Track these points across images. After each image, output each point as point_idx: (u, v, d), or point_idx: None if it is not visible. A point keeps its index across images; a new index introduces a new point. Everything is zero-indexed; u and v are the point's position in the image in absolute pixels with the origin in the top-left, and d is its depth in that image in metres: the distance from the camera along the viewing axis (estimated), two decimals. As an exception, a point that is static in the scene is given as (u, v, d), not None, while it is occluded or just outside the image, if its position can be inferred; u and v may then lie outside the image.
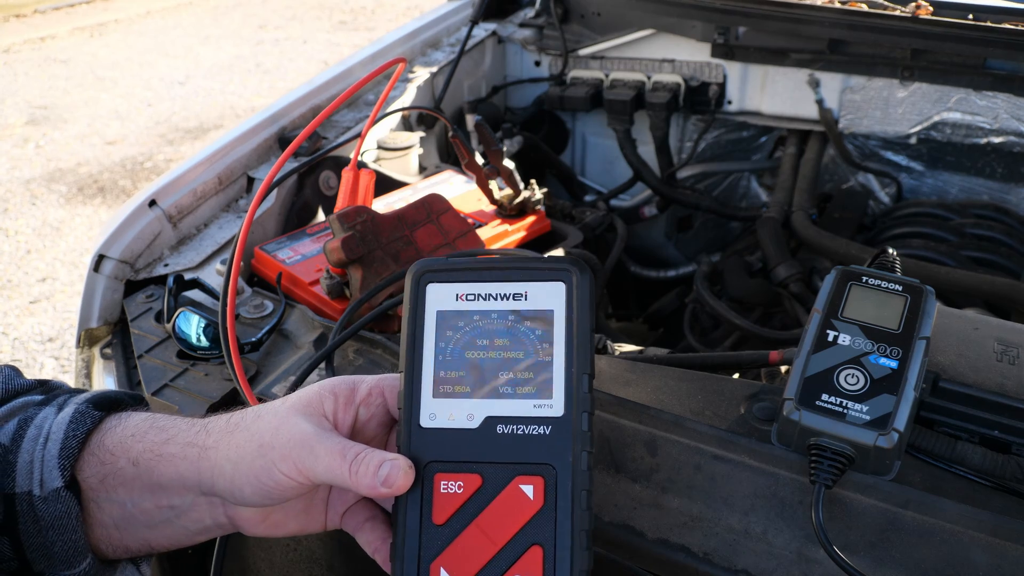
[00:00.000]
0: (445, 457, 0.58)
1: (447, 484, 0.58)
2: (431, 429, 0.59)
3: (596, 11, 1.96)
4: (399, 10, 7.94)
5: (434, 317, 0.61)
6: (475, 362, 0.60)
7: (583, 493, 0.56)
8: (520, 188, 1.35)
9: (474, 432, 0.58)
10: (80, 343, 1.14)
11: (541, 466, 0.57)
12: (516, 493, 0.56)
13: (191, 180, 1.29)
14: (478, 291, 0.61)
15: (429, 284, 0.62)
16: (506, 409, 0.59)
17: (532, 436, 0.58)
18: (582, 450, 0.57)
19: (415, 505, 0.58)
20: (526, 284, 0.61)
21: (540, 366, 0.59)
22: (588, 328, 0.60)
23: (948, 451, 0.75)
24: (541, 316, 0.60)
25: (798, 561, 0.68)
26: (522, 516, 0.56)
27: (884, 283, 0.79)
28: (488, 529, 0.56)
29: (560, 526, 0.55)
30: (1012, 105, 1.64)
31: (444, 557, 0.56)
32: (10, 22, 7.54)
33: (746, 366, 1.04)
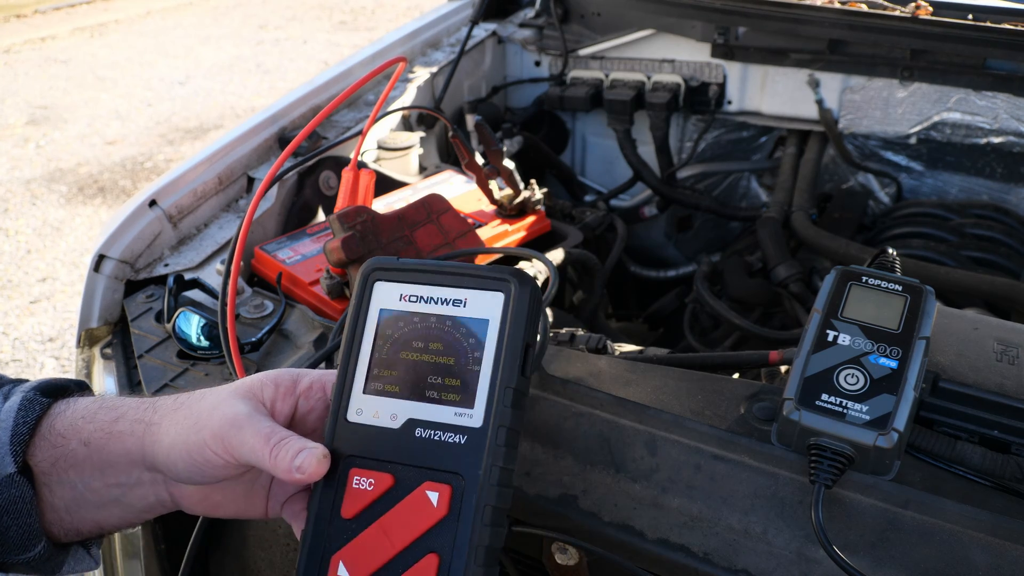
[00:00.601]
0: (364, 453, 0.59)
1: (359, 480, 0.58)
2: (356, 424, 0.60)
3: (596, 11, 1.96)
4: (399, 10, 7.94)
5: (376, 315, 0.62)
6: (408, 363, 0.60)
7: (488, 508, 0.56)
8: (520, 188, 1.35)
9: (395, 432, 0.59)
10: (80, 343, 1.14)
11: (451, 475, 0.57)
12: (422, 498, 0.56)
13: (191, 180, 1.29)
14: (421, 293, 0.62)
15: (377, 282, 0.63)
16: (428, 413, 0.59)
17: (447, 444, 0.58)
18: (494, 464, 0.56)
19: (328, 496, 0.58)
20: (467, 292, 0.61)
21: (468, 375, 0.59)
22: (520, 341, 0.59)
23: (948, 451, 0.75)
24: (476, 325, 0.60)
25: (798, 561, 0.68)
26: (424, 522, 0.56)
27: (884, 283, 0.79)
28: (390, 530, 0.56)
29: (459, 538, 0.55)
30: (1012, 105, 1.64)
31: (345, 551, 0.57)
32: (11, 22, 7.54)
33: (746, 366, 1.04)
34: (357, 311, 0.62)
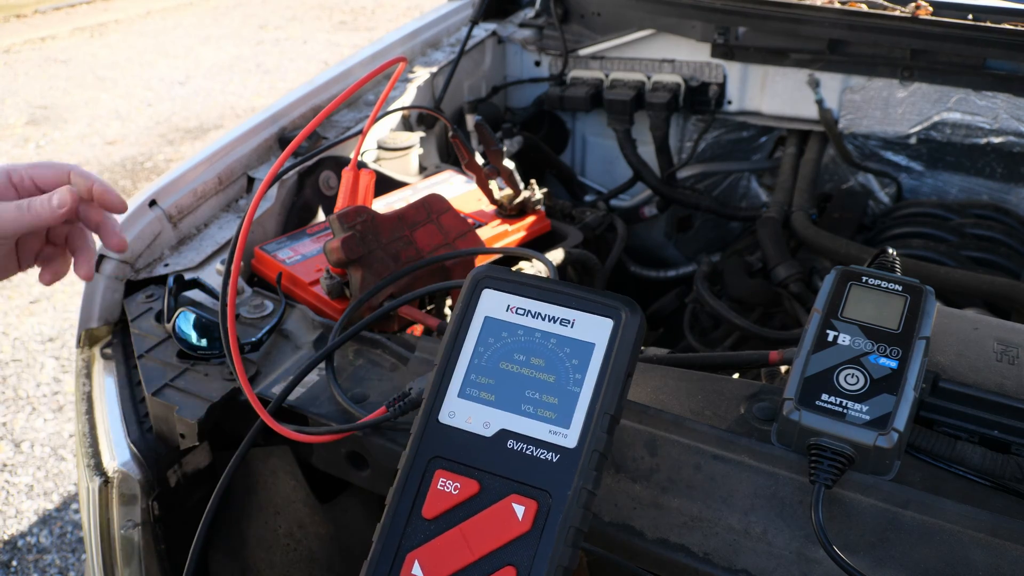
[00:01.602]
0: (451, 456, 0.59)
1: (445, 482, 0.58)
2: (447, 426, 0.60)
3: (596, 11, 1.96)
4: (399, 10, 7.94)
5: (481, 321, 0.63)
6: (507, 374, 0.61)
7: (572, 529, 0.56)
8: (520, 188, 1.35)
9: (485, 440, 0.59)
10: (80, 343, 1.14)
11: (539, 491, 0.57)
12: (507, 510, 0.56)
13: (191, 180, 1.29)
14: (529, 307, 0.62)
15: (485, 289, 0.64)
16: (522, 427, 0.59)
17: (539, 459, 0.58)
18: (583, 487, 0.57)
19: (410, 494, 0.59)
20: (576, 313, 0.62)
21: (567, 395, 0.59)
22: (624, 370, 0.60)
23: (948, 451, 0.75)
24: (582, 347, 0.60)
25: (798, 561, 0.68)
26: (506, 534, 0.56)
27: (884, 283, 0.79)
28: (471, 537, 0.56)
29: (539, 555, 0.55)
30: (1012, 105, 1.64)
31: (422, 551, 0.57)
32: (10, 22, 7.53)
33: (746, 366, 1.04)
34: (462, 315, 0.63)
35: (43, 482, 2.43)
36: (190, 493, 1.00)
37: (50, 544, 2.24)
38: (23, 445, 2.56)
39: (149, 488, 0.94)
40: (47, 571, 2.16)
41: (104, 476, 0.95)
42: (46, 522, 2.30)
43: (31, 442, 2.57)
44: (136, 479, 0.94)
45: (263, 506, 1.08)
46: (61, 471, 2.47)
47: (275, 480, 1.08)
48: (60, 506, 2.35)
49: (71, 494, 2.39)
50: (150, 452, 0.96)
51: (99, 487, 0.95)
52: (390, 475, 0.85)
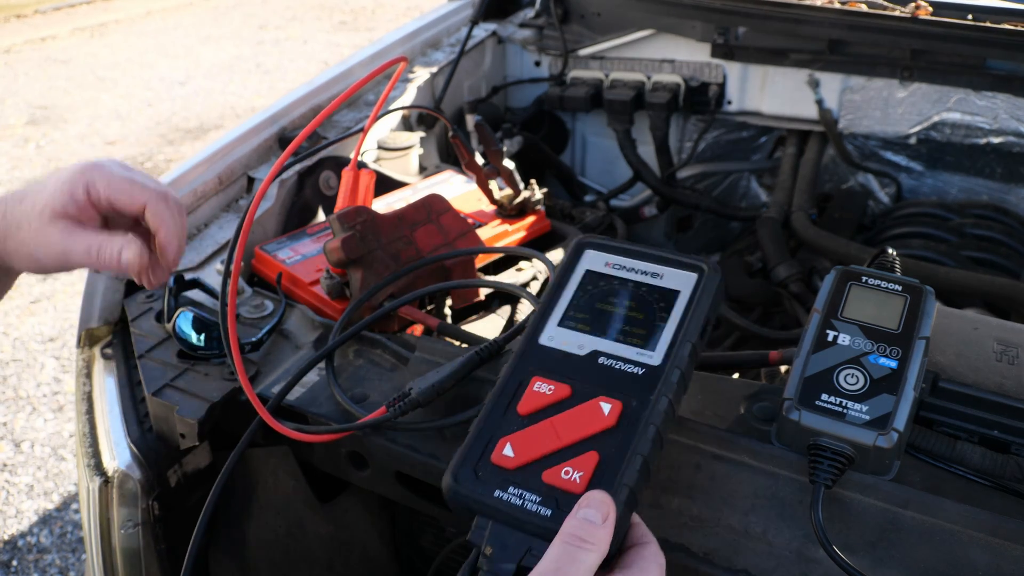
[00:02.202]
0: (548, 368, 0.68)
1: (540, 385, 0.66)
2: (546, 347, 0.69)
3: (596, 11, 1.96)
4: (399, 10, 7.93)
5: (582, 272, 0.74)
6: (602, 311, 0.71)
7: (652, 426, 0.62)
8: (520, 188, 1.35)
9: (579, 358, 0.68)
10: (81, 343, 1.14)
11: (625, 396, 0.64)
12: (595, 408, 0.64)
13: (191, 180, 1.29)
14: (624, 263, 0.74)
15: (586, 250, 0.75)
16: (613, 349, 0.68)
17: (627, 372, 0.66)
18: (665, 394, 0.64)
19: (507, 395, 0.66)
20: (665, 268, 0.72)
21: (654, 327, 0.69)
22: (705, 312, 0.69)
23: (948, 451, 0.76)
24: (668, 293, 0.71)
25: (798, 561, 0.68)
26: (593, 426, 0.63)
27: (884, 283, 0.79)
28: (560, 428, 0.63)
29: (622, 444, 0.61)
30: (1012, 105, 1.64)
31: (514, 437, 0.63)
32: (11, 22, 7.53)
33: (746, 366, 1.04)
34: (565, 270, 0.74)
35: (43, 482, 2.43)
36: (190, 493, 1.00)
37: (50, 544, 2.24)
38: (23, 445, 2.56)
39: (149, 488, 0.94)
40: (47, 571, 2.16)
41: (104, 476, 0.95)
42: (46, 522, 2.30)
43: (31, 442, 2.57)
44: (136, 479, 0.94)
45: (263, 506, 1.08)
46: (61, 471, 2.47)
47: (275, 480, 1.08)
48: (60, 506, 2.35)
49: (71, 494, 2.39)
50: (150, 452, 0.96)
51: (99, 487, 0.95)
52: (390, 475, 0.85)
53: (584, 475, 0.60)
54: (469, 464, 0.62)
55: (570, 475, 0.60)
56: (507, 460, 0.62)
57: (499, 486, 0.61)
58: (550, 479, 0.60)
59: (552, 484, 0.60)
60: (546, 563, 0.54)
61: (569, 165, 2.13)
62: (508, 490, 0.60)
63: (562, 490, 0.59)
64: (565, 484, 0.60)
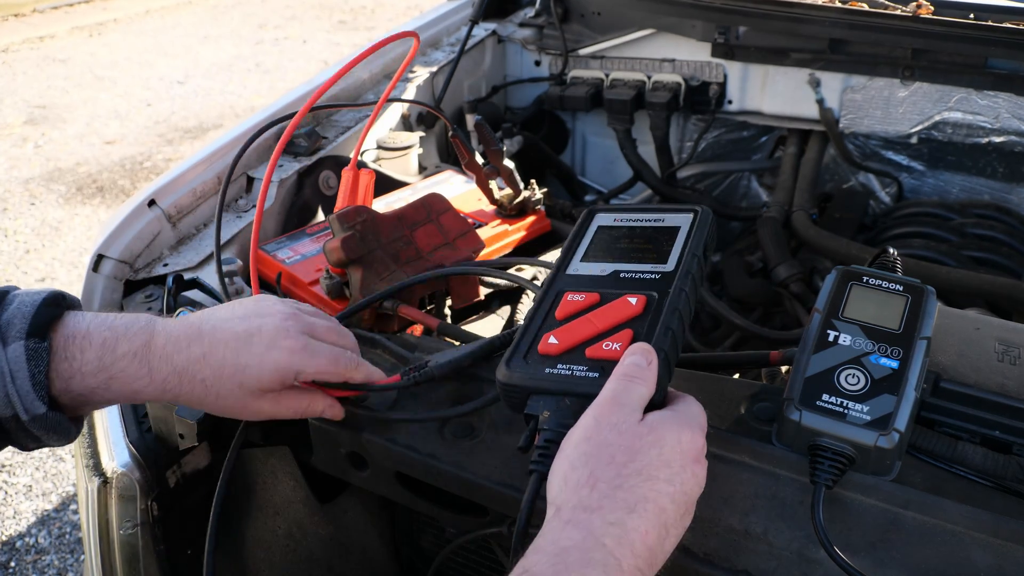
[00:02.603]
0: (577, 287, 0.77)
1: (572, 296, 0.75)
2: (572, 275, 0.79)
3: (596, 11, 1.96)
4: (399, 10, 7.93)
5: (595, 227, 0.85)
6: (617, 248, 0.81)
7: (676, 310, 0.71)
8: (520, 188, 1.35)
9: (603, 277, 0.78)
10: (79, 343, 1.14)
11: (648, 292, 0.73)
12: (624, 302, 0.73)
13: (190, 180, 1.28)
14: (631, 217, 0.85)
15: (597, 214, 0.87)
16: (631, 268, 0.78)
17: (646, 278, 0.75)
18: (682, 288, 0.73)
19: (544, 307, 0.75)
20: (664, 214, 0.84)
21: (662, 251, 0.79)
22: (703, 238, 0.79)
23: (949, 451, 0.75)
24: (671, 229, 0.81)
25: (798, 562, 0.68)
26: (624, 314, 0.71)
27: (885, 283, 0.79)
28: (595, 320, 0.71)
29: (651, 321, 0.70)
30: (1013, 105, 1.64)
31: (555, 331, 0.72)
32: (9, 21, 7.53)
33: (746, 366, 1.04)
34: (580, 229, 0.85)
35: (42, 483, 2.43)
36: (189, 494, 1.00)
37: (49, 545, 2.24)
38: (22, 445, 2.56)
39: (148, 489, 0.94)
40: (45, 572, 2.16)
41: (103, 476, 0.95)
42: (45, 523, 2.30)
43: (30, 442, 2.57)
44: (135, 480, 0.93)
45: (263, 506, 1.08)
46: (60, 472, 2.47)
47: (275, 480, 1.08)
48: (59, 507, 2.35)
49: (70, 495, 2.39)
50: (149, 453, 0.95)
51: (98, 488, 0.94)
52: (390, 476, 0.85)
53: (623, 344, 0.68)
54: (519, 356, 0.70)
55: (610, 347, 0.68)
56: (553, 347, 0.70)
57: (549, 365, 0.68)
58: (593, 353, 0.68)
59: (596, 357, 0.68)
60: (605, 394, 0.63)
61: (569, 165, 2.13)
62: (557, 367, 0.68)
63: (606, 359, 0.67)
64: (607, 354, 0.68)
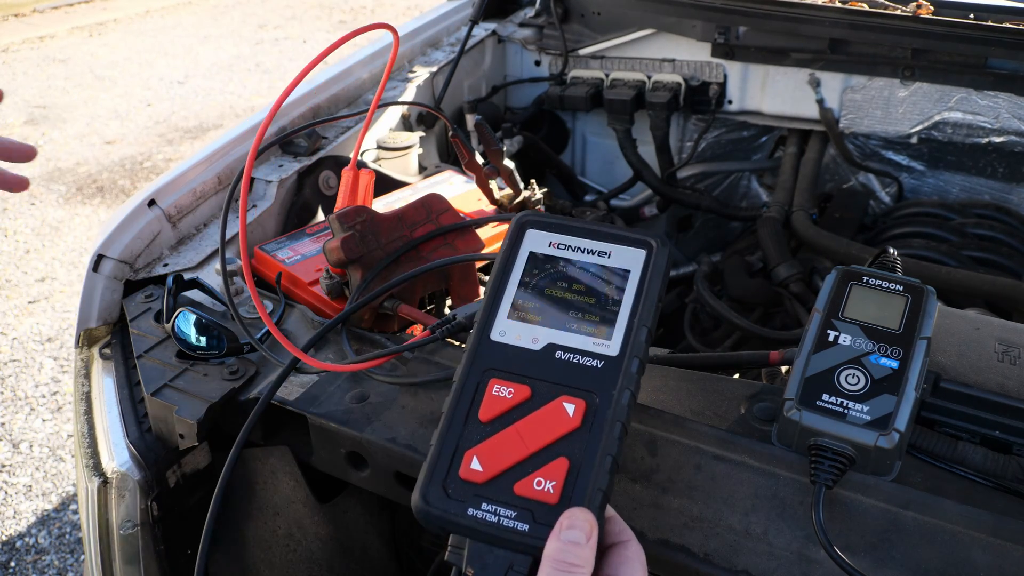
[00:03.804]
0: (504, 367, 0.64)
1: (499, 388, 0.63)
2: (498, 343, 0.66)
3: (596, 11, 1.96)
4: (399, 9, 7.93)
5: (526, 256, 0.69)
6: (552, 298, 0.67)
7: (618, 424, 0.61)
8: (520, 188, 1.35)
9: (535, 353, 0.65)
10: (79, 343, 1.14)
11: (587, 392, 0.62)
12: (558, 409, 0.62)
13: (190, 180, 1.28)
14: (570, 243, 0.69)
15: (529, 229, 0.70)
16: (568, 340, 0.65)
17: (585, 366, 0.64)
18: (626, 387, 0.62)
19: (466, 400, 0.63)
20: (612, 245, 0.68)
21: (607, 313, 0.66)
22: (657, 292, 0.66)
23: (949, 451, 0.75)
24: (618, 273, 0.67)
25: (799, 562, 0.68)
26: (559, 430, 0.61)
27: (885, 283, 0.79)
28: (525, 434, 0.61)
29: (590, 446, 0.60)
30: (1013, 105, 1.64)
31: (479, 448, 0.61)
32: (9, 21, 7.53)
33: (746, 366, 1.04)
34: (508, 252, 0.69)
35: (41, 483, 2.43)
36: (189, 494, 1.00)
37: (48, 545, 2.24)
38: (21, 446, 2.56)
39: (148, 488, 0.94)
40: (45, 572, 2.16)
41: (103, 476, 0.94)
42: (44, 523, 2.30)
43: (29, 442, 2.57)
44: (135, 479, 0.93)
45: (263, 506, 1.07)
46: (60, 472, 2.47)
47: (275, 480, 1.08)
48: (59, 507, 2.35)
49: (70, 495, 2.39)
50: (149, 452, 0.95)
51: (98, 487, 0.94)
52: (390, 475, 0.85)
53: (556, 484, 0.58)
54: (438, 482, 0.60)
55: (543, 485, 0.58)
56: (476, 474, 0.59)
57: (472, 503, 0.59)
58: (523, 491, 0.58)
59: (526, 496, 0.58)
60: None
61: (569, 165, 2.13)
62: (481, 507, 0.58)
63: (536, 501, 0.58)
64: (539, 495, 0.58)
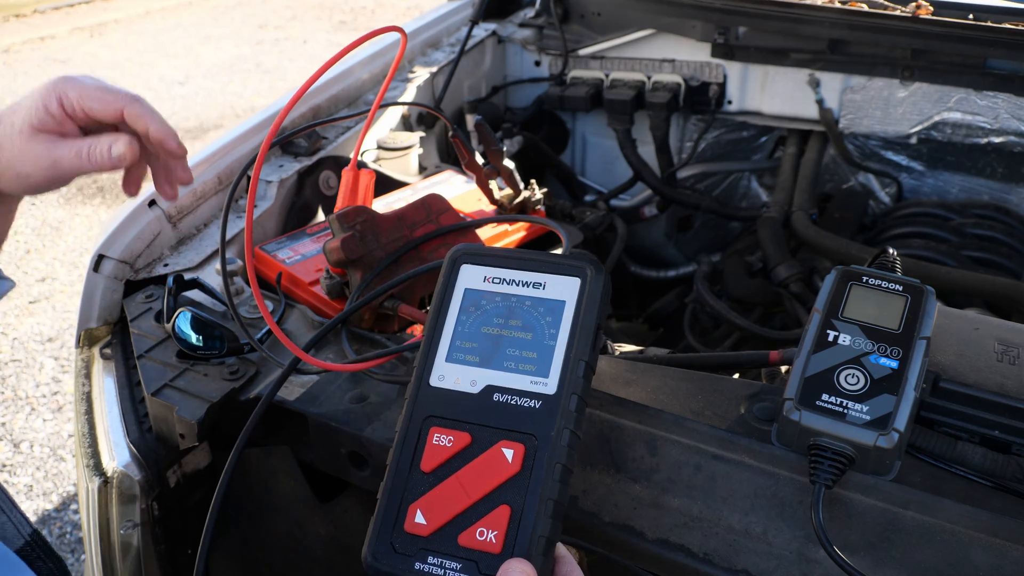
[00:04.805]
0: (444, 414, 0.64)
1: (439, 437, 0.63)
2: (437, 388, 0.66)
3: (596, 11, 1.96)
4: (399, 10, 7.93)
5: (462, 293, 0.69)
6: (488, 336, 0.67)
7: (558, 466, 0.61)
8: (520, 188, 1.35)
9: (474, 396, 0.64)
10: (80, 343, 1.14)
11: (525, 435, 0.62)
12: (497, 455, 0.62)
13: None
14: (504, 276, 0.69)
15: (463, 265, 0.70)
16: (506, 381, 0.64)
17: (523, 408, 0.63)
18: (564, 427, 0.62)
19: (408, 451, 0.63)
20: (546, 276, 0.68)
21: (544, 348, 0.65)
22: (594, 321, 0.65)
23: (948, 451, 0.75)
24: (553, 305, 0.66)
25: (798, 561, 0.68)
26: (499, 477, 0.61)
27: (884, 283, 0.79)
28: (466, 483, 0.61)
29: (531, 492, 0.60)
30: (1012, 105, 1.64)
31: (423, 501, 0.61)
32: (10, 22, 7.53)
33: (746, 366, 1.04)
34: (443, 290, 0.69)
35: (42, 482, 2.43)
36: (190, 493, 1.00)
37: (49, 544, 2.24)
38: (22, 445, 2.56)
39: (149, 488, 0.94)
40: (47, 571, 2.16)
41: (103, 476, 0.95)
42: (45, 522, 2.30)
43: (30, 442, 2.57)
44: (136, 479, 0.93)
45: (263, 506, 1.08)
46: (60, 471, 2.47)
47: (275, 480, 1.08)
48: (59, 506, 2.35)
49: (70, 495, 2.39)
50: (150, 452, 0.95)
51: (98, 487, 0.94)
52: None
53: (499, 533, 0.59)
54: (385, 538, 0.61)
55: (485, 535, 0.59)
56: (420, 528, 0.60)
57: (418, 558, 0.59)
58: (467, 542, 0.59)
59: (470, 547, 0.59)
60: None
61: (569, 165, 2.13)
62: (428, 560, 0.59)
63: (480, 551, 0.59)
64: (482, 546, 0.59)
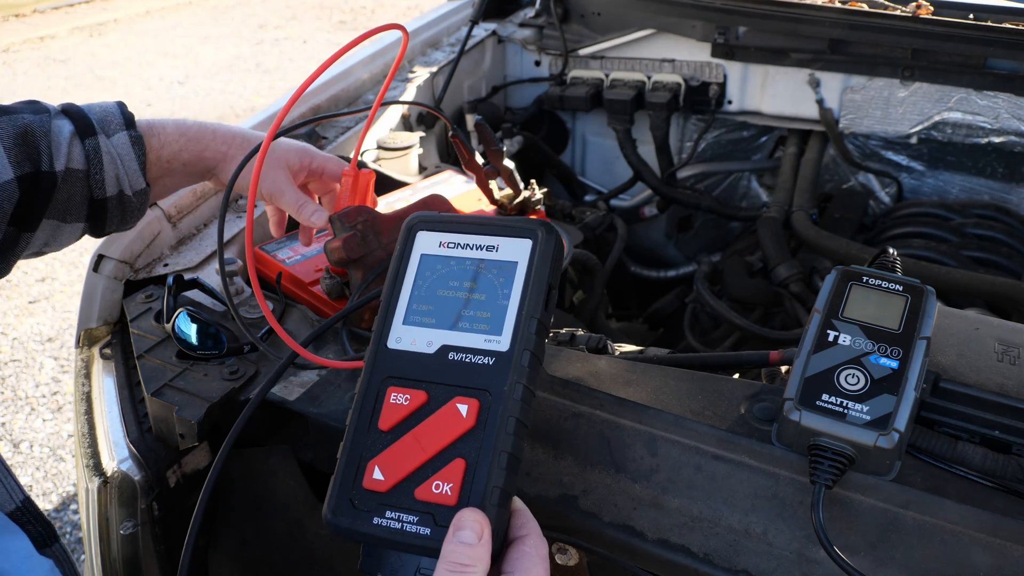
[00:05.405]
0: (401, 374, 0.66)
1: (396, 396, 0.65)
2: (395, 350, 0.67)
3: (596, 11, 1.96)
4: (399, 10, 7.93)
5: (418, 259, 0.70)
6: (444, 299, 0.68)
7: (511, 419, 0.62)
8: (520, 188, 1.35)
9: (430, 356, 0.66)
10: (80, 343, 1.14)
11: (479, 391, 0.63)
12: (452, 411, 0.63)
13: (191, 180, 1.28)
14: (458, 240, 0.70)
15: (419, 232, 0.71)
16: (460, 340, 0.66)
17: (477, 365, 0.64)
18: (517, 382, 0.63)
19: (367, 410, 0.65)
20: (499, 239, 0.69)
21: (497, 308, 0.67)
22: (545, 280, 0.67)
23: (949, 451, 0.75)
24: (506, 266, 0.68)
25: (798, 561, 0.68)
26: (454, 432, 0.62)
27: (884, 283, 0.79)
28: (422, 439, 0.62)
29: (485, 445, 0.61)
30: (1013, 105, 1.64)
31: (380, 458, 0.62)
32: (9, 22, 7.53)
33: (746, 366, 1.04)
34: (400, 257, 0.70)
35: (42, 482, 2.43)
36: (190, 494, 1.00)
37: (49, 544, 2.23)
38: (22, 445, 2.56)
39: (148, 488, 0.94)
40: (46, 571, 2.16)
41: (103, 476, 0.95)
42: (45, 522, 2.30)
43: (30, 442, 2.57)
44: (135, 479, 0.93)
45: (262, 506, 1.08)
46: (60, 471, 2.47)
47: (275, 480, 1.08)
48: (59, 506, 2.35)
49: (70, 494, 2.39)
50: (149, 452, 0.95)
51: (98, 487, 0.94)
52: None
53: (454, 486, 0.60)
54: (344, 495, 0.62)
55: (441, 488, 0.60)
56: (378, 483, 0.61)
57: (376, 512, 0.61)
58: (423, 495, 0.60)
59: (426, 500, 0.60)
60: None
61: (569, 165, 2.13)
62: (386, 515, 0.60)
63: (437, 504, 0.60)
64: (438, 498, 0.60)
